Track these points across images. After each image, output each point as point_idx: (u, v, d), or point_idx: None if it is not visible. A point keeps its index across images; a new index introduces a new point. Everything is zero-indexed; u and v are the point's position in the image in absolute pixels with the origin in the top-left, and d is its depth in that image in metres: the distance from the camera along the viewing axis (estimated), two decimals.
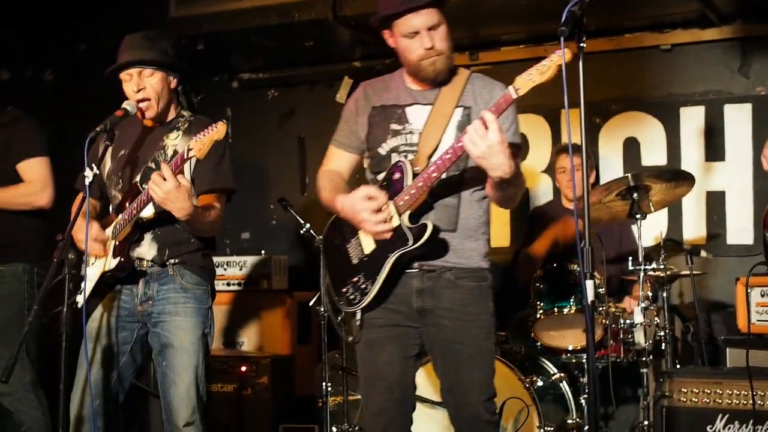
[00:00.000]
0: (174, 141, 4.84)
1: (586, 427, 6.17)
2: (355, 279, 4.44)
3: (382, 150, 4.50)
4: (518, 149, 4.46)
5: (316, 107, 8.95)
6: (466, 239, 4.48)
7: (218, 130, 4.35)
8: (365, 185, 4.44)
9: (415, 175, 4.31)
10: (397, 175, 4.37)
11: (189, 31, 7.72)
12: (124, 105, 4.71)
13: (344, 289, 4.49)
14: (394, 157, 4.45)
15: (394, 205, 4.33)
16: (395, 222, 4.31)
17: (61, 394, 4.32)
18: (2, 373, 4.32)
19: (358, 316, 4.47)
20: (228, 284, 8.09)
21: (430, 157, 4.35)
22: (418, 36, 4.31)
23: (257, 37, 7.99)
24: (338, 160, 4.71)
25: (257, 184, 8.80)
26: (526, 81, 3.97)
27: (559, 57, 3.89)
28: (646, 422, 5.85)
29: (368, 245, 4.41)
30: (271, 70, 9.05)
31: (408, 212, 4.32)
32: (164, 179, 4.37)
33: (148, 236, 4.81)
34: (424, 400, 5.81)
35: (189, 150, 4.37)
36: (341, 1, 7.40)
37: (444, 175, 4.32)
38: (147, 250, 4.81)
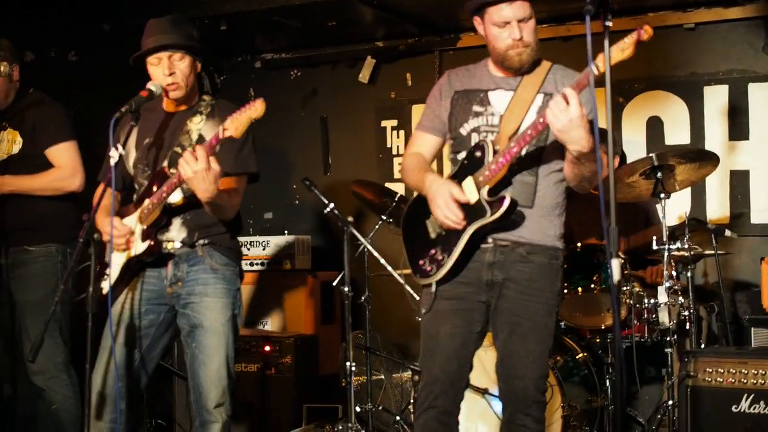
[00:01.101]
0: (198, 125, 4.84)
1: (611, 407, 6.17)
2: (432, 252, 4.56)
3: (464, 130, 4.59)
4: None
5: (339, 87, 8.95)
6: (542, 217, 4.56)
7: (256, 108, 4.34)
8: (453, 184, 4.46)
9: (495, 152, 4.40)
10: (478, 153, 4.47)
11: (212, 11, 7.71)
12: (149, 86, 4.71)
13: (421, 262, 4.61)
14: (474, 137, 4.55)
15: (473, 180, 4.43)
16: (474, 197, 4.41)
17: (87, 374, 4.34)
18: (30, 353, 4.35)
19: (433, 288, 4.56)
20: (251, 264, 8.11)
21: (511, 138, 4.41)
22: (508, 26, 4.39)
23: (280, 17, 7.97)
24: (422, 143, 4.79)
25: (280, 164, 8.81)
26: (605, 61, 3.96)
27: (639, 34, 3.92)
28: (670, 402, 5.83)
29: None
30: (293, 50, 9.05)
31: (487, 187, 4.41)
32: (196, 159, 4.37)
33: (177, 221, 4.82)
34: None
35: (224, 129, 4.36)
36: None
37: (523, 152, 4.42)
38: (176, 233, 4.82)
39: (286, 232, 8.37)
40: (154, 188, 4.72)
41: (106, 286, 4.78)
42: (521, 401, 4.50)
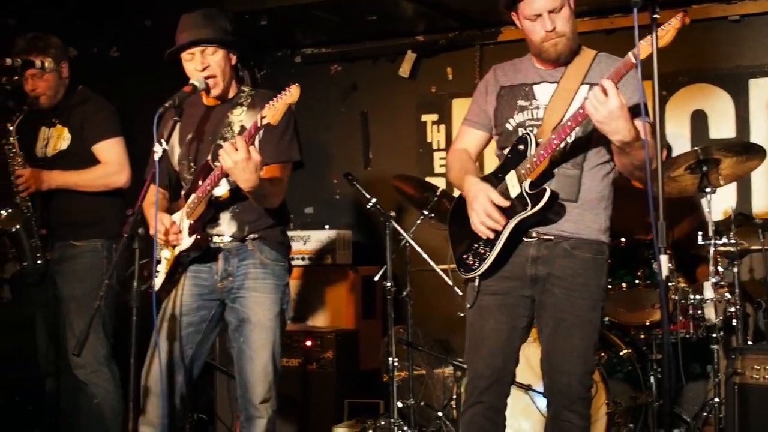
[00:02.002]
0: (239, 117, 4.84)
1: (656, 404, 6.12)
2: (476, 246, 4.54)
3: (509, 125, 4.57)
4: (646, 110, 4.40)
5: (379, 82, 8.93)
6: (587, 211, 4.52)
7: (292, 94, 4.34)
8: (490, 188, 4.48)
9: (537, 145, 4.39)
10: (521, 146, 4.46)
11: (252, 6, 7.71)
12: (193, 81, 4.71)
13: (464, 256, 4.59)
14: (521, 132, 4.53)
15: (516, 173, 4.44)
16: (515, 191, 4.42)
17: (131, 368, 4.34)
18: (75, 347, 4.36)
19: (476, 282, 4.55)
20: (292, 259, 8.06)
21: (554, 130, 4.38)
22: (540, 18, 4.37)
23: (320, 12, 7.96)
24: (468, 138, 4.80)
25: (320, 159, 8.80)
26: (646, 46, 3.91)
27: (677, 21, 3.86)
28: (717, 399, 5.79)
29: None
30: (334, 44, 9.03)
31: (528, 180, 4.40)
32: (236, 149, 4.36)
33: (226, 215, 4.82)
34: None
35: (262, 117, 4.36)
36: None
37: (567, 145, 4.42)
38: (226, 228, 4.82)
39: (326, 227, 8.36)
40: (200, 182, 4.72)
41: (156, 282, 4.78)
42: (566, 397, 4.47)
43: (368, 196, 6.64)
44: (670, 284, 6.04)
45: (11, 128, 5.76)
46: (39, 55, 5.67)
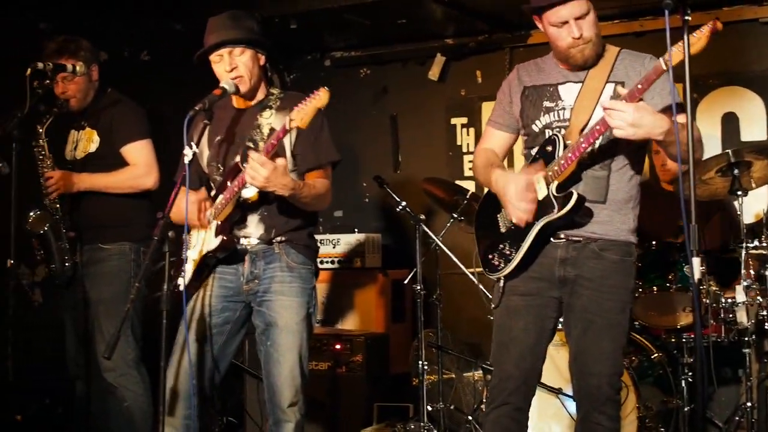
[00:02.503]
0: (268, 119, 4.85)
1: (686, 408, 6.08)
2: (501, 246, 4.57)
3: (536, 127, 4.58)
4: (680, 107, 4.42)
5: (409, 85, 8.93)
6: (615, 212, 4.52)
7: (321, 97, 4.35)
8: (526, 170, 4.50)
9: (565, 147, 4.40)
10: (549, 147, 4.47)
11: (281, 9, 7.72)
12: (222, 84, 4.73)
13: (491, 256, 4.62)
14: (547, 133, 4.54)
15: (543, 174, 4.44)
16: (543, 192, 4.42)
17: (161, 371, 4.35)
18: (105, 350, 4.37)
19: (501, 282, 4.57)
20: (321, 262, 8.10)
21: (582, 131, 4.40)
22: (567, 25, 4.38)
23: (350, 15, 7.97)
24: (493, 138, 4.83)
25: (350, 162, 8.79)
26: (677, 53, 3.90)
27: (709, 27, 3.86)
28: (749, 404, 5.74)
29: None
30: (363, 48, 9.04)
31: (556, 182, 4.40)
32: (259, 166, 4.38)
33: (254, 217, 4.83)
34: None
35: (290, 120, 4.36)
36: None
37: (594, 147, 4.42)
38: (254, 230, 4.83)
39: (356, 230, 8.36)
40: (228, 183, 4.73)
41: (181, 282, 4.79)
42: (595, 399, 4.46)
43: (398, 200, 6.64)
44: (701, 287, 6.00)
45: (41, 130, 5.79)
46: (70, 59, 5.69)
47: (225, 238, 4.73)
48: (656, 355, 6.25)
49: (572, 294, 4.51)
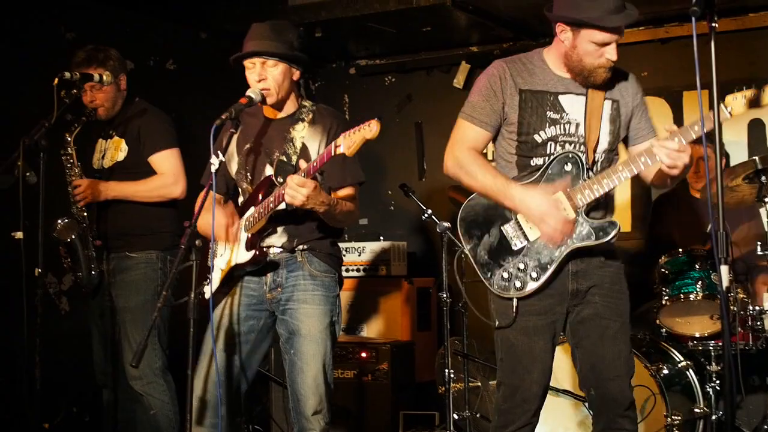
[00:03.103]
0: (301, 133, 4.85)
1: (714, 417, 6.05)
2: (520, 265, 4.43)
3: (538, 137, 4.45)
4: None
5: (434, 93, 8.94)
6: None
7: (371, 129, 4.28)
8: (548, 188, 4.40)
9: (586, 169, 4.40)
10: (568, 166, 4.41)
11: (307, 18, 7.74)
12: (248, 93, 4.72)
13: (504, 274, 4.46)
14: (552, 146, 4.46)
15: (566, 195, 4.40)
16: (571, 214, 4.38)
17: (189, 380, 4.36)
18: (133, 359, 4.38)
19: (515, 302, 4.44)
20: (347, 270, 8.11)
21: (595, 149, 4.42)
22: (608, 47, 4.33)
23: (375, 24, 7.98)
24: (477, 138, 4.55)
25: (375, 170, 8.81)
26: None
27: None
28: None
29: (533, 233, 4.43)
30: (388, 56, 9.05)
31: (585, 205, 4.39)
32: (300, 186, 4.40)
33: (278, 227, 4.83)
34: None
35: (337, 147, 4.34)
36: None
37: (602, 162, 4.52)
38: (277, 239, 4.83)
39: (381, 238, 8.36)
40: (260, 196, 4.73)
41: (207, 291, 4.80)
42: (620, 404, 4.47)
43: (424, 208, 6.63)
44: (728, 295, 5.97)
45: (70, 139, 5.81)
46: (98, 68, 5.70)
47: (257, 252, 4.74)
48: (683, 363, 6.22)
49: (583, 304, 4.51)
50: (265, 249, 4.78)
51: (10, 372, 5.60)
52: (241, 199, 4.96)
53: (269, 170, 4.81)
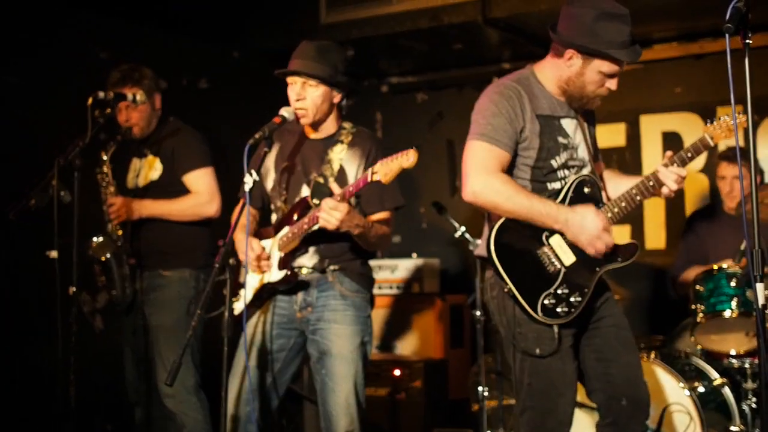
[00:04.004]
0: (339, 155, 4.86)
1: None
2: (559, 291, 4.33)
3: (555, 162, 4.44)
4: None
5: (466, 110, 8.82)
6: None
7: (409, 159, 4.32)
8: (596, 210, 4.39)
9: (602, 191, 4.49)
10: (587, 189, 4.43)
11: (339, 36, 7.76)
12: (282, 112, 4.73)
13: (546, 301, 4.31)
14: (564, 172, 4.46)
15: None
16: None
17: (222, 398, 4.37)
18: (167, 377, 4.38)
19: (556, 329, 4.34)
20: (380, 288, 8.11)
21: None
22: (614, 79, 4.38)
23: (406, 41, 8.00)
24: (502, 161, 4.36)
25: (407, 187, 8.68)
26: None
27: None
28: None
29: (567, 257, 4.36)
30: (419, 73, 9.07)
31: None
32: (333, 210, 4.41)
33: (310, 247, 4.84)
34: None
35: (374, 173, 4.36)
36: (490, 4, 7.36)
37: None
38: (308, 259, 4.84)
39: (414, 255, 8.36)
40: (295, 217, 4.74)
41: (238, 306, 4.81)
42: (644, 409, 4.53)
43: (457, 225, 6.63)
44: (765, 312, 5.93)
45: (105, 158, 5.85)
46: (132, 87, 5.73)
47: (289, 272, 4.75)
48: (719, 380, 6.18)
49: (598, 320, 4.54)
50: (296, 270, 4.79)
51: (45, 390, 5.62)
52: (274, 216, 4.98)
53: (305, 190, 4.82)
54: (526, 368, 4.42)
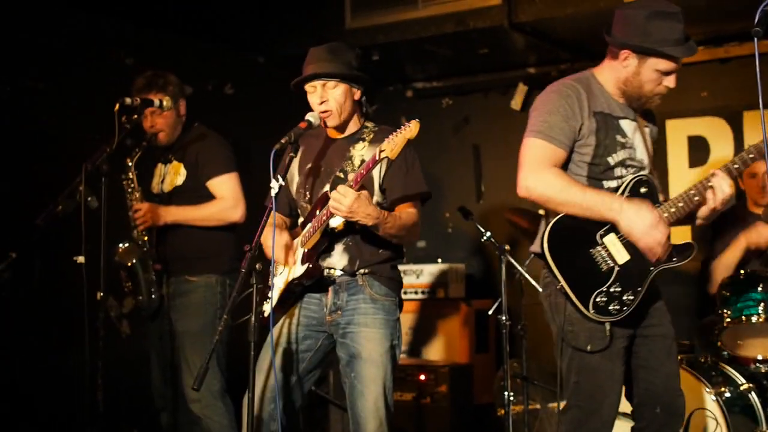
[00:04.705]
0: (361, 151, 4.86)
1: None
2: (612, 289, 4.40)
3: (611, 160, 4.50)
4: None
5: (491, 115, 8.93)
6: None
7: (411, 129, 4.35)
8: (651, 205, 4.43)
9: (659, 191, 4.53)
10: (644, 189, 4.47)
11: (364, 41, 7.78)
12: (308, 117, 4.74)
13: (599, 299, 4.39)
14: (620, 170, 4.52)
15: None
16: None
17: (248, 402, 4.38)
18: (194, 382, 4.39)
19: (608, 327, 4.41)
20: (405, 293, 8.06)
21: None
22: (671, 76, 4.45)
23: (431, 46, 8.01)
24: (556, 158, 4.47)
25: (433, 192, 8.68)
26: None
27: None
28: None
29: (621, 255, 4.43)
30: (445, 78, 9.07)
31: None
32: (342, 196, 4.41)
33: (339, 247, 4.83)
34: None
35: (381, 151, 4.37)
36: (516, 8, 7.36)
37: None
38: (338, 260, 4.83)
39: (439, 260, 8.36)
40: (317, 212, 4.75)
41: (266, 308, 4.82)
42: (678, 420, 4.60)
43: (483, 230, 6.62)
44: None
45: (131, 164, 5.87)
46: (158, 93, 5.76)
47: (311, 265, 4.75)
48: (745, 385, 6.14)
49: (648, 327, 4.58)
50: (320, 265, 4.79)
51: (73, 395, 5.65)
52: (301, 219, 4.99)
53: (328, 188, 4.83)
54: (575, 366, 4.51)
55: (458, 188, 8.97)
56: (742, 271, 6.19)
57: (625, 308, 4.37)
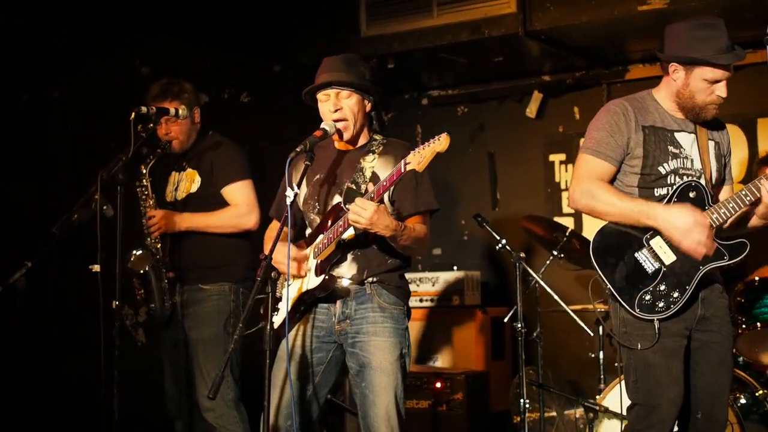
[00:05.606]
0: (371, 163, 4.86)
1: None
2: (659, 288, 4.56)
3: (663, 169, 4.66)
4: None
5: (506, 122, 8.93)
6: None
7: (441, 142, 4.35)
8: (691, 207, 4.53)
9: (709, 197, 4.61)
10: (692, 194, 4.60)
11: (380, 49, 7.80)
12: (323, 125, 4.75)
13: (644, 296, 4.58)
14: (672, 177, 4.65)
15: None
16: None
17: (265, 411, 4.38)
18: (210, 390, 4.40)
19: (657, 323, 4.54)
20: (420, 300, 8.12)
21: (709, 183, 4.65)
22: (719, 84, 4.55)
23: (446, 54, 8.01)
24: (602, 171, 4.71)
25: (448, 200, 8.81)
26: None
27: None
28: None
29: (668, 257, 4.59)
30: (460, 86, 9.08)
31: (714, 229, 4.54)
32: (362, 209, 4.42)
33: (348, 257, 4.83)
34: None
35: (406, 163, 4.36)
36: (531, 16, 7.37)
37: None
38: (346, 270, 4.83)
39: (455, 267, 8.36)
40: (329, 223, 4.75)
41: (277, 319, 4.82)
42: (721, 427, 4.67)
43: (498, 237, 6.62)
44: None
45: (145, 171, 5.88)
46: (173, 101, 5.77)
47: (327, 277, 4.75)
48: (761, 392, 6.14)
49: (705, 332, 4.66)
50: (335, 276, 4.79)
51: (88, 403, 5.66)
52: (308, 231, 4.99)
53: (338, 199, 4.83)
54: (632, 366, 4.68)
55: (473, 196, 8.97)
56: (756, 278, 6.18)
57: (672, 306, 4.53)
